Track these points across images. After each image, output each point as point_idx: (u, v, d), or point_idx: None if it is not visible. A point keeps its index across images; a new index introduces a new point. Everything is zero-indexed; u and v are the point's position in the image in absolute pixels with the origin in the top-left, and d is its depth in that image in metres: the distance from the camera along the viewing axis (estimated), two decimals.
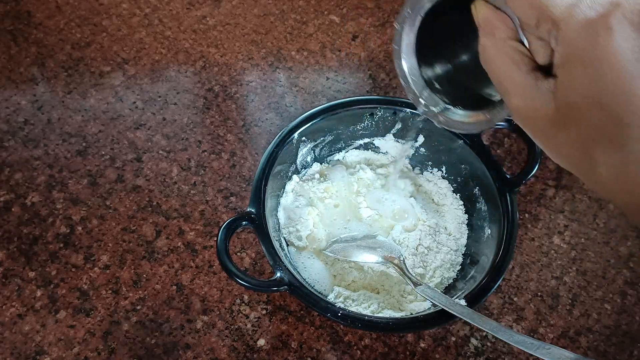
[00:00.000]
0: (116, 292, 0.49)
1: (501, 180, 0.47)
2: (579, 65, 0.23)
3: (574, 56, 0.23)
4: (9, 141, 0.58)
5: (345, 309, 0.41)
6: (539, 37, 0.25)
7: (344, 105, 0.51)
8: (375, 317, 0.41)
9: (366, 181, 0.52)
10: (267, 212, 0.46)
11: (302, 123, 0.50)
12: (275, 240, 0.45)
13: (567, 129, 0.25)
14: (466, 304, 0.41)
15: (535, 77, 0.26)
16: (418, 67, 0.37)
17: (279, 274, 0.41)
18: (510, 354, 0.47)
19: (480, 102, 0.35)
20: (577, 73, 0.23)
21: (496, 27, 0.27)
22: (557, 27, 0.24)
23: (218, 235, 0.40)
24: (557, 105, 0.25)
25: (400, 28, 0.35)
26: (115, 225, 0.53)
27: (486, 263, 0.44)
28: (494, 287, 0.42)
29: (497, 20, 0.27)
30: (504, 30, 0.27)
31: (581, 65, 0.23)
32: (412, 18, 0.34)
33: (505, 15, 0.27)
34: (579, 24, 0.23)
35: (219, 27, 0.68)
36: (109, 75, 0.63)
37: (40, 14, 0.68)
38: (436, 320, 0.41)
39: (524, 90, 0.26)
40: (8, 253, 0.51)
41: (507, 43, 0.27)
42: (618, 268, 0.51)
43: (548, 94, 0.25)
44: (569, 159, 0.26)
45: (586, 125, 0.24)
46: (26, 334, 0.46)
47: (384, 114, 0.52)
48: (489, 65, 0.28)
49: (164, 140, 0.58)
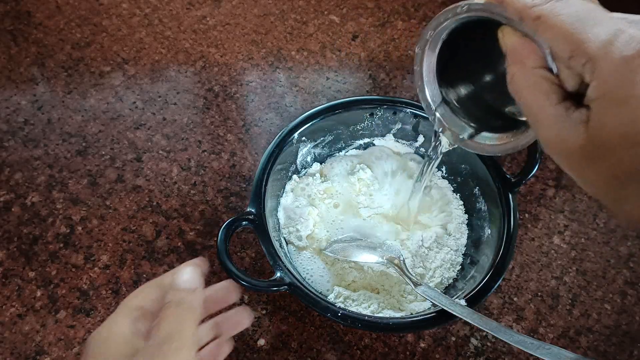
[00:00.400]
0: (116, 292, 0.49)
1: (501, 180, 0.47)
2: (614, 102, 0.23)
3: (609, 92, 0.23)
4: (9, 141, 0.58)
5: (345, 309, 0.41)
6: (569, 66, 0.25)
7: (344, 106, 0.51)
8: (375, 317, 0.41)
9: (366, 181, 0.52)
10: (267, 212, 0.46)
11: (302, 123, 0.50)
12: (275, 240, 0.45)
13: (598, 162, 0.25)
14: (466, 304, 0.41)
15: (566, 107, 0.26)
16: (439, 89, 0.37)
17: (279, 274, 0.41)
18: (510, 354, 0.47)
19: (504, 122, 0.35)
20: (612, 110, 0.23)
21: (526, 57, 0.27)
22: (593, 63, 0.24)
23: (218, 235, 0.40)
24: (588, 137, 0.25)
25: (421, 52, 0.35)
26: (115, 225, 0.53)
27: (486, 263, 0.44)
28: (494, 287, 0.42)
29: (526, 49, 0.27)
30: (533, 60, 0.27)
31: (616, 102, 0.23)
32: (434, 41, 0.34)
33: (534, 45, 0.26)
34: (615, 61, 0.23)
35: (219, 27, 0.68)
36: (109, 75, 0.63)
37: (40, 14, 0.68)
38: (436, 320, 0.41)
39: (554, 121, 0.26)
40: (8, 253, 0.51)
41: (537, 72, 0.27)
42: (618, 268, 0.51)
43: (579, 125, 0.25)
44: (597, 189, 0.27)
45: (618, 161, 0.24)
46: (26, 334, 0.46)
47: (384, 114, 0.52)
48: (518, 94, 0.27)
49: (164, 140, 0.58)
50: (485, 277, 0.42)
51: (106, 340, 0.33)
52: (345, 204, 0.51)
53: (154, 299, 0.36)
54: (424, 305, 0.45)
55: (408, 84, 0.63)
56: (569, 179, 0.57)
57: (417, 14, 0.69)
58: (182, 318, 0.33)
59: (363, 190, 0.52)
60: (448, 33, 0.33)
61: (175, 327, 0.33)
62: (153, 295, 0.36)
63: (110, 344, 0.33)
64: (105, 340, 0.33)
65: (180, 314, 0.33)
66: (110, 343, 0.33)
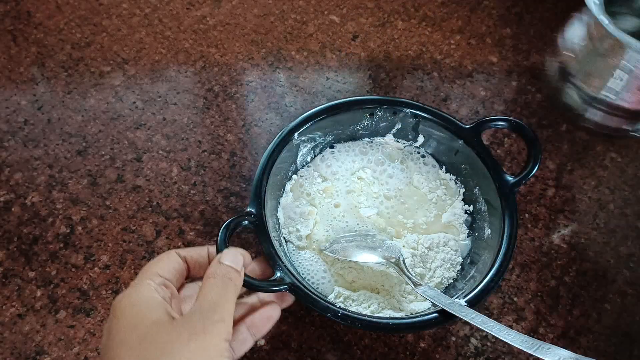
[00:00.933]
0: (116, 292, 0.49)
1: (501, 180, 0.47)
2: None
3: None
4: (9, 141, 0.58)
5: (345, 309, 0.41)
6: None
7: (344, 106, 0.51)
8: (375, 317, 0.41)
9: (366, 181, 0.52)
10: (267, 212, 0.46)
11: (302, 123, 0.50)
12: (275, 240, 0.45)
13: None
14: (466, 304, 0.41)
15: None
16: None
17: (279, 274, 0.41)
18: (510, 354, 0.47)
19: None
20: None
21: None
22: None
23: (218, 235, 0.40)
24: None
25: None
26: (115, 225, 0.53)
27: (486, 263, 0.44)
28: (494, 288, 0.42)
29: None
30: None
31: None
32: None
33: None
34: None
35: (219, 27, 0.68)
36: (109, 75, 0.63)
37: (40, 14, 0.68)
38: (436, 321, 0.41)
39: None
40: (8, 253, 0.51)
41: None
42: (618, 268, 0.51)
43: None
44: None
45: None
46: (26, 334, 0.46)
47: (384, 114, 0.52)
48: None
49: (164, 140, 0.58)
50: (486, 277, 0.42)
51: (137, 304, 0.33)
52: (345, 204, 0.51)
53: (173, 269, 0.36)
54: (424, 305, 0.45)
55: (408, 84, 0.63)
56: (569, 179, 0.57)
57: (417, 14, 0.69)
58: (226, 290, 0.34)
59: (364, 190, 0.52)
60: None
61: (219, 298, 0.33)
62: (173, 265, 0.37)
63: (142, 307, 0.33)
64: (136, 304, 0.33)
65: (226, 286, 0.34)
66: (142, 307, 0.33)
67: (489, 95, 0.62)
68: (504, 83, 0.64)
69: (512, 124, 0.49)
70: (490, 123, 0.50)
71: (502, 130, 0.59)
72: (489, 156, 0.49)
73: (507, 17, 0.69)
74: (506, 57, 0.66)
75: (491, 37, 0.67)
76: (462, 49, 0.66)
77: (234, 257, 0.37)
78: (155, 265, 0.36)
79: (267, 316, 0.39)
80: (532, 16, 0.69)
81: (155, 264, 0.36)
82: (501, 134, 0.60)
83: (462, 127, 0.50)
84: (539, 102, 0.62)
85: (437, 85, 0.63)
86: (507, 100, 0.62)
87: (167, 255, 0.37)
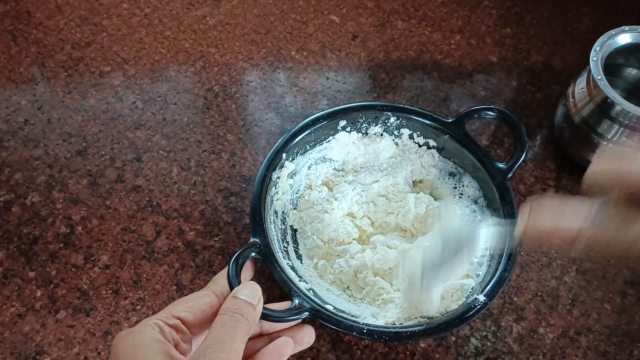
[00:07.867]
0: (116, 292, 0.49)
1: (493, 168, 0.48)
2: None
3: None
4: (9, 141, 0.58)
5: (369, 325, 0.40)
6: None
7: (322, 118, 0.50)
8: (400, 328, 0.41)
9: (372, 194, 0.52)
10: (272, 238, 0.45)
11: (288, 142, 0.49)
12: (286, 265, 0.44)
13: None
14: (485, 299, 0.41)
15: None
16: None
17: (297, 300, 0.40)
18: (510, 354, 0.47)
19: None
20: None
21: None
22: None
23: (228, 271, 0.38)
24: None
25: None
26: (115, 225, 0.53)
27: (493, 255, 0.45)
28: (508, 276, 0.42)
29: None
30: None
31: None
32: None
33: None
34: None
35: (219, 27, 0.68)
36: (109, 75, 0.63)
37: (40, 14, 0.68)
38: (458, 322, 0.41)
39: None
40: (8, 253, 0.51)
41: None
42: (618, 268, 0.51)
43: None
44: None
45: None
46: (26, 334, 0.46)
47: (365, 120, 0.52)
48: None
49: (164, 140, 0.58)
50: (497, 267, 0.43)
51: (138, 345, 0.32)
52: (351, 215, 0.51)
53: (197, 308, 0.36)
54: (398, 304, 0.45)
55: (408, 84, 0.63)
56: (569, 179, 0.57)
57: (417, 14, 0.69)
58: (235, 328, 0.33)
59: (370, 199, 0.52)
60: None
61: (226, 336, 0.32)
62: (198, 304, 0.36)
63: (143, 349, 0.32)
64: (137, 345, 0.32)
65: (236, 322, 0.33)
66: (143, 348, 0.32)
67: (489, 95, 0.62)
68: (504, 83, 0.64)
69: (494, 111, 0.49)
70: (474, 114, 0.50)
71: (502, 130, 0.59)
72: (477, 146, 0.49)
73: (507, 17, 0.69)
74: (506, 57, 0.66)
75: (491, 37, 0.67)
76: (462, 49, 0.66)
77: (250, 290, 0.35)
78: (177, 305, 0.35)
79: (278, 354, 0.38)
80: (532, 16, 0.69)
81: (177, 303, 0.36)
82: (501, 133, 0.60)
83: (444, 122, 0.50)
84: (539, 102, 0.62)
85: (437, 85, 0.63)
86: (507, 100, 0.62)
87: (198, 293, 0.37)
